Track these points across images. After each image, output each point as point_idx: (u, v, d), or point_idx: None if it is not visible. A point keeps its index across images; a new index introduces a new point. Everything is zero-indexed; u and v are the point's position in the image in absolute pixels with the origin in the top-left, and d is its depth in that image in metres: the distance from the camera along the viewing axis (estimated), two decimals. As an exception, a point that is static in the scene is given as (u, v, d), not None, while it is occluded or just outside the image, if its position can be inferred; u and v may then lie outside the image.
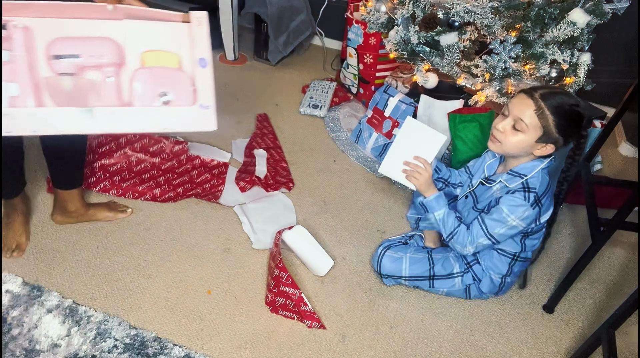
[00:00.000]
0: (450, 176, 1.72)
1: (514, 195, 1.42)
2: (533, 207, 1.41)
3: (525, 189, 1.42)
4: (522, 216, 1.41)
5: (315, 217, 1.94)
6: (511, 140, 1.41)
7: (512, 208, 1.41)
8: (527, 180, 1.42)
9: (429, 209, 1.55)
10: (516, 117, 1.39)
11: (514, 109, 1.40)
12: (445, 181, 1.73)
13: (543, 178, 1.43)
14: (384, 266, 1.63)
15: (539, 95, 1.36)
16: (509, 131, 1.41)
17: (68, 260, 1.66)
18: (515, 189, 1.43)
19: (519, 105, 1.38)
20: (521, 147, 1.41)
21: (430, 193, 1.54)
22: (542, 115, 1.35)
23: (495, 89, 1.80)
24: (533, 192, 1.41)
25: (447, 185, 1.73)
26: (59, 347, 1.43)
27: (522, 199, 1.41)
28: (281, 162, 2.16)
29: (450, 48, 1.83)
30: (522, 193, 1.41)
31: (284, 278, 1.58)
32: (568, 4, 1.74)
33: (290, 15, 2.81)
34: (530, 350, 1.56)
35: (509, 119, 1.41)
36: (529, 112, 1.36)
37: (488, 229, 1.46)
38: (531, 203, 1.40)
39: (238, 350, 1.46)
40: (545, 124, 1.36)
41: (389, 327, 1.58)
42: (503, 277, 1.59)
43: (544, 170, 1.44)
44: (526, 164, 1.45)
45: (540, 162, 1.44)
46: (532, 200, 1.40)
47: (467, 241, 1.49)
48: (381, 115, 2.24)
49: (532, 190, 1.41)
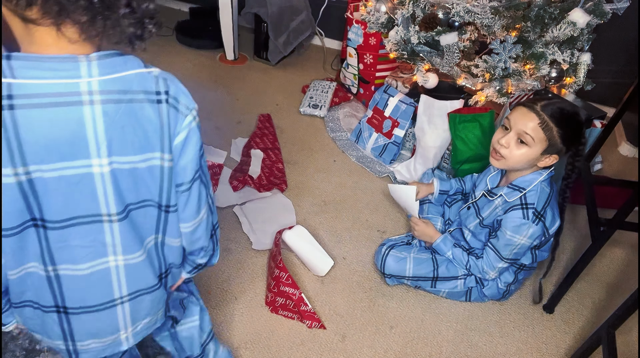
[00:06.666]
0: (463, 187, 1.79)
1: (512, 214, 1.42)
2: (535, 222, 1.40)
3: (523, 206, 1.42)
4: (528, 234, 1.42)
5: (315, 217, 1.94)
6: (516, 154, 1.40)
7: (514, 229, 1.42)
8: (525, 195, 1.43)
9: (440, 252, 1.62)
10: (520, 131, 1.38)
11: (517, 123, 1.38)
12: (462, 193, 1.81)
13: (542, 191, 1.43)
14: (388, 266, 1.63)
15: (540, 107, 1.36)
16: (514, 145, 1.40)
17: (68, 260, 1.66)
18: (513, 205, 1.43)
19: (522, 119, 1.37)
20: (527, 160, 1.41)
21: (435, 238, 1.63)
22: (546, 127, 1.35)
23: (495, 89, 1.80)
24: (531, 208, 1.41)
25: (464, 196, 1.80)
26: (59, 347, 1.43)
27: (521, 218, 1.41)
28: (277, 164, 2.15)
29: (450, 48, 1.82)
30: (520, 211, 1.41)
31: (284, 278, 1.58)
32: (568, 4, 1.74)
33: (290, 15, 2.81)
34: (530, 350, 1.56)
35: (511, 134, 1.40)
36: (532, 125, 1.36)
37: (501, 253, 1.49)
38: (532, 219, 1.40)
39: (238, 350, 1.46)
40: (550, 135, 1.35)
41: (389, 327, 1.58)
42: (508, 285, 1.60)
43: (544, 182, 1.44)
44: (526, 177, 1.45)
45: (539, 174, 1.44)
46: (532, 217, 1.40)
47: (485, 268, 1.53)
48: (381, 115, 2.24)
49: (530, 206, 1.41)
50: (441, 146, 2.03)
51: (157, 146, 0.74)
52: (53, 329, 0.85)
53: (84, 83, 0.66)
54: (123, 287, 0.85)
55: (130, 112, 0.70)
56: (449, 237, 1.62)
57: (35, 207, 0.72)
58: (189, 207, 0.85)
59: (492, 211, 1.52)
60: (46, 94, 0.65)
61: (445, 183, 1.79)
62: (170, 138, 0.75)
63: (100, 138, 0.69)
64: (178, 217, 0.86)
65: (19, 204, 0.71)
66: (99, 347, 0.90)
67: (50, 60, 0.65)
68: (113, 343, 0.91)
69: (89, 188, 0.73)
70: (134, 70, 0.71)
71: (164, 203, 0.82)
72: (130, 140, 0.72)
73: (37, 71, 0.64)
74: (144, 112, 0.71)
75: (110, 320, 0.87)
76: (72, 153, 0.69)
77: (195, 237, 0.91)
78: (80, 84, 0.66)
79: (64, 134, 0.68)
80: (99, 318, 0.86)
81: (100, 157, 0.71)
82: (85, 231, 0.77)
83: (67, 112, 0.66)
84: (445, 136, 2.00)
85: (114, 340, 0.91)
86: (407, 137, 2.22)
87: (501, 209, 1.48)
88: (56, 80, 0.65)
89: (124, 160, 0.73)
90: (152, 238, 0.86)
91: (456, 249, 1.59)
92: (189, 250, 0.94)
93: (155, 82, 0.73)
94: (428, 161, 2.06)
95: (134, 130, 0.71)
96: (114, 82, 0.68)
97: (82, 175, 0.71)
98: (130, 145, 0.72)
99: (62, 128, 0.67)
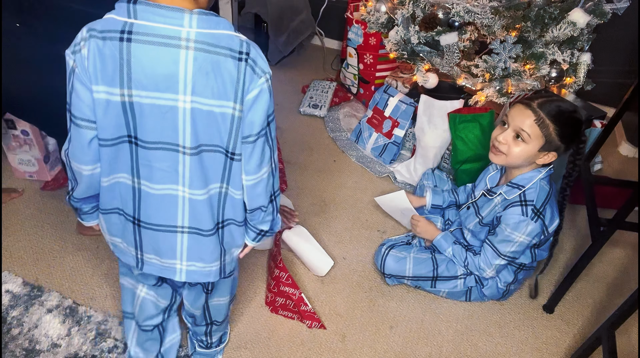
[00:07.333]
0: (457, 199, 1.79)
1: (512, 210, 1.43)
2: (534, 220, 1.41)
3: (522, 203, 1.42)
4: (527, 231, 1.42)
5: (315, 217, 1.94)
6: (514, 151, 1.41)
7: (514, 225, 1.42)
8: (524, 192, 1.43)
9: (439, 249, 1.62)
10: (517, 127, 1.39)
11: (514, 120, 1.40)
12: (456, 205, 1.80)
13: (542, 188, 1.43)
14: (388, 266, 1.63)
15: (537, 104, 1.37)
16: (511, 142, 1.41)
17: (68, 260, 1.66)
18: (513, 202, 1.44)
19: (519, 116, 1.39)
20: (525, 157, 1.41)
21: (435, 235, 1.64)
22: (542, 124, 1.36)
23: (495, 89, 1.80)
24: (530, 204, 1.41)
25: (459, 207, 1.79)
26: (59, 346, 1.43)
27: (520, 214, 1.41)
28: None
29: (450, 48, 1.82)
30: (519, 208, 1.42)
31: (284, 278, 1.58)
32: (568, 4, 1.74)
33: (290, 15, 2.81)
34: (530, 350, 1.56)
35: (509, 131, 1.42)
36: (529, 122, 1.37)
37: (499, 250, 1.49)
38: (531, 216, 1.41)
39: (238, 350, 1.46)
40: (547, 132, 1.36)
41: (389, 327, 1.58)
42: (508, 285, 1.60)
43: (543, 180, 1.45)
44: (525, 175, 1.46)
45: (538, 172, 1.45)
46: (531, 214, 1.41)
47: (482, 265, 1.53)
48: (381, 115, 2.24)
49: (530, 203, 1.41)
50: (441, 146, 2.03)
51: (232, 96, 0.86)
52: (130, 237, 1.03)
53: (184, 31, 0.81)
54: (185, 217, 0.99)
55: (215, 62, 0.83)
56: (449, 234, 1.63)
57: (131, 126, 0.88)
58: (252, 160, 0.94)
59: (491, 209, 1.52)
60: (156, 35, 0.81)
61: (438, 196, 1.79)
62: (243, 92, 0.86)
63: (188, 78, 0.83)
64: (242, 169, 0.96)
65: (120, 120, 0.87)
66: (158, 265, 1.05)
67: (164, 9, 0.81)
68: (169, 268, 1.05)
69: (173, 120, 0.87)
70: (225, 31, 0.84)
71: (230, 149, 0.93)
72: (211, 85, 0.84)
73: (153, 15, 0.81)
74: (226, 64, 0.84)
75: (170, 243, 1.01)
76: (165, 86, 0.84)
77: (256, 193, 1.00)
78: (182, 31, 0.81)
79: (162, 69, 0.83)
80: (162, 238, 1.01)
81: (186, 94, 0.84)
82: (165, 156, 0.91)
83: (168, 52, 0.82)
84: (445, 136, 2.00)
85: (170, 265, 1.05)
86: (407, 137, 2.22)
87: (500, 206, 1.48)
88: (165, 25, 0.81)
89: (204, 101, 0.85)
90: (217, 186, 0.97)
91: (456, 246, 1.59)
92: (250, 207, 1.02)
93: (240, 44, 0.85)
94: (428, 161, 2.06)
95: (215, 78, 0.84)
96: (207, 35, 0.82)
97: (169, 107, 0.86)
98: (210, 90, 0.84)
99: (162, 64, 0.82)
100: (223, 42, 0.83)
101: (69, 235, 1.74)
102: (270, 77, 0.89)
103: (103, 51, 0.82)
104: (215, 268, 1.07)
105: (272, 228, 1.09)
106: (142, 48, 0.81)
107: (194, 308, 1.28)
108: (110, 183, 0.97)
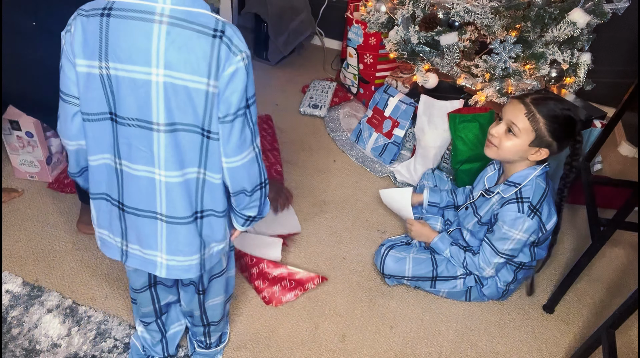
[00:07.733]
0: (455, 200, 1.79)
1: (508, 207, 1.44)
2: (531, 216, 1.42)
3: (518, 200, 1.43)
4: (523, 228, 1.43)
5: (315, 217, 1.94)
6: (505, 145, 1.44)
7: (510, 222, 1.43)
8: (520, 190, 1.45)
9: (437, 251, 1.63)
10: (509, 121, 1.43)
11: (507, 113, 1.44)
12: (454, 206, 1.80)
13: (537, 185, 1.44)
14: (387, 266, 1.63)
15: (530, 100, 1.41)
16: (503, 135, 1.44)
17: (68, 260, 1.66)
18: (509, 199, 1.45)
19: (512, 110, 1.42)
20: (515, 151, 1.44)
21: (432, 238, 1.64)
22: (533, 118, 1.39)
23: (495, 89, 1.80)
24: (526, 201, 1.42)
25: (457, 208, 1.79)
26: (59, 346, 1.43)
27: (516, 211, 1.42)
28: (276, 166, 2.15)
29: (450, 48, 1.82)
30: (515, 204, 1.43)
31: (265, 267, 1.60)
32: (568, 4, 1.74)
33: (290, 15, 2.81)
34: (530, 350, 1.56)
35: (502, 124, 1.45)
36: (520, 116, 1.40)
37: (497, 248, 1.49)
38: (527, 213, 1.42)
39: (238, 350, 1.47)
40: (537, 127, 1.39)
41: (389, 327, 1.58)
42: (508, 285, 1.60)
43: (539, 177, 1.46)
44: (521, 173, 1.47)
45: (533, 169, 1.46)
46: (527, 210, 1.42)
47: (481, 264, 1.53)
48: (381, 115, 2.24)
49: (526, 200, 1.42)
50: (441, 146, 2.03)
51: (205, 72, 0.86)
52: (116, 224, 1.04)
53: (159, 7, 0.84)
54: (163, 203, 0.99)
55: (188, 37, 0.85)
56: (446, 236, 1.63)
57: (111, 101, 0.91)
58: (231, 141, 0.94)
59: (489, 208, 1.53)
60: (133, 10, 0.85)
61: (435, 195, 1.80)
62: (218, 68, 0.87)
63: (160, 51, 0.85)
64: (221, 151, 0.95)
65: (100, 94, 0.90)
66: (140, 257, 1.06)
67: None
68: (150, 261, 1.06)
69: (147, 94, 0.88)
70: (201, 10, 0.87)
71: (206, 127, 0.92)
72: (183, 59, 0.86)
73: None
74: (200, 40, 0.85)
75: (150, 230, 1.02)
76: (139, 59, 0.86)
77: (238, 176, 0.99)
78: (156, 7, 0.84)
79: (137, 42, 0.85)
80: (143, 224, 1.01)
81: (158, 68, 0.86)
82: (142, 134, 0.92)
83: (142, 26, 0.85)
84: (445, 136, 2.00)
85: (152, 257, 1.05)
86: (407, 137, 2.22)
87: (497, 204, 1.50)
88: (142, 1, 0.85)
89: (177, 75, 0.87)
90: (194, 170, 0.97)
91: (453, 247, 1.60)
92: (232, 190, 1.01)
93: (216, 22, 0.87)
94: (428, 161, 2.06)
95: (188, 52, 0.85)
96: (181, 12, 0.85)
97: (144, 82, 0.87)
98: (184, 64, 0.86)
99: (136, 37, 0.85)
100: (198, 20, 0.85)
101: (69, 235, 1.74)
102: (247, 57, 0.89)
103: (86, 27, 0.87)
104: (195, 263, 1.06)
105: (261, 213, 1.09)
106: (119, 22, 0.85)
107: (190, 309, 1.29)
108: (98, 163, 0.99)
